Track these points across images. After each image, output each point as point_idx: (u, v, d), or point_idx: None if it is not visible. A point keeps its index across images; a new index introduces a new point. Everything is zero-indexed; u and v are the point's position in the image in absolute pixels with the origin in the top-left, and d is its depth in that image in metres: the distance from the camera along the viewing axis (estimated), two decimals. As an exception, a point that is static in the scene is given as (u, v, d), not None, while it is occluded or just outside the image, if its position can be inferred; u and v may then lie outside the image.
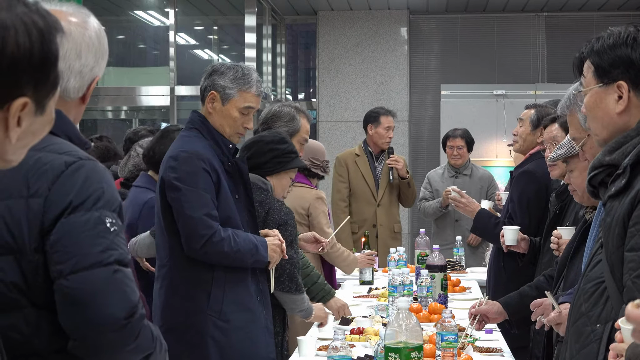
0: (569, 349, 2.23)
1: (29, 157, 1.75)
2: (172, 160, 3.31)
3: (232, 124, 3.46)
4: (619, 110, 2.11)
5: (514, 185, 4.65)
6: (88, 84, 1.94)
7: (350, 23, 10.22)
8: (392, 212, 6.59)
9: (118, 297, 1.73)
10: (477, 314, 3.55)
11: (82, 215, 1.73)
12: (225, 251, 3.26)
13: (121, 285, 1.74)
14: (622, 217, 1.96)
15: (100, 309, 1.71)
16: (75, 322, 1.72)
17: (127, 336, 1.74)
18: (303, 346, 3.56)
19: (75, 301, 1.71)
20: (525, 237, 4.24)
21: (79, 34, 1.92)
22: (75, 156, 1.79)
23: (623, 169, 2.01)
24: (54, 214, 1.73)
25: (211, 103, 3.47)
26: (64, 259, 1.71)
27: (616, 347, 1.79)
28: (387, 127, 6.62)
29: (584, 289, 2.17)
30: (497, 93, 9.66)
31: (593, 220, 2.73)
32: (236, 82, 3.46)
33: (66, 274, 1.70)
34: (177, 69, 8.90)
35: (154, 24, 10.40)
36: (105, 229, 1.75)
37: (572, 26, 10.30)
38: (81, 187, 1.75)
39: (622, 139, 2.08)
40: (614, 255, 1.98)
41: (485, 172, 7.29)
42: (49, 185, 1.74)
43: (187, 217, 3.25)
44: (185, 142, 3.37)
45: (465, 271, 6.17)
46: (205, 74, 3.53)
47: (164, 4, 9.64)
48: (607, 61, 2.13)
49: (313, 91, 10.67)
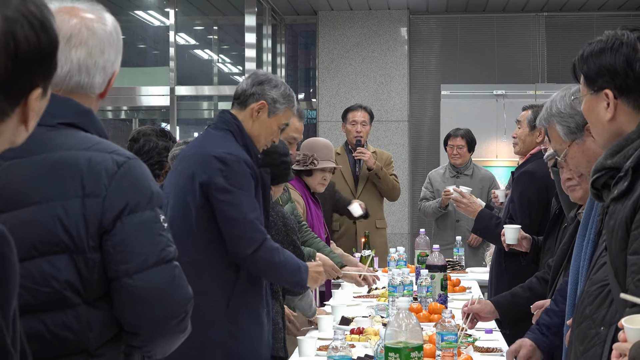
0: (573, 351, 2.23)
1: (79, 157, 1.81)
2: (219, 163, 3.25)
3: (268, 137, 3.47)
4: (608, 118, 2.12)
5: (514, 186, 4.66)
6: (109, 79, 1.98)
7: (350, 23, 10.22)
8: (373, 208, 6.51)
9: (180, 293, 1.84)
10: (470, 312, 3.56)
11: (140, 215, 1.81)
12: (275, 261, 3.26)
13: (180, 280, 1.85)
14: (625, 220, 1.95)
15: (167, 305, 1.81)
16: (140, 319, 1.80)
17: (184, 325, 1.86)
18: (303, 346, 3.56)
19: (141, 299, 1.79)
20: (526, 236, 4.24)
21: (101, 30, 1.95)
22: (124, 155, 1.85)
23: (625, 172, 2.01)
24: (113, 214, 1.79)
25: (257, 112, 3.43)
26: (128, 259, 1.78)
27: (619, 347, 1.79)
28: (352, 121, 6.62)
29: (588, 291, 2.17)
30: (497, 93, 9.66)
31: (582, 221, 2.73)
32: (285, 99, 3.47)
33: (132, 273, 1.78)
34: (177, 69, 8.90)
35: (154, 24, 10.40)
36: (160, 226, 1.83)
37: (572, 26, 10.30)
38: (135, 187, 1.82)
39: (623, 142, 2.07)
40: (617, 259, 1.98)
41: (487, 172, 7.29)
42: (105, 186, 1.79)
43: (239, 220, 3.21)
44: (225, 144, 3.33)
45: (465, 271, 6.18)
46: (253, 80, 3.48)
47: (164, 4, 9.64)
48: (593, 70, 2.14)
49: (313, 91, 10.67)
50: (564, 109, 2.80)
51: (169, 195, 3.34)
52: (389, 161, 6.70)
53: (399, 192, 6.75)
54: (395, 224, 9.73)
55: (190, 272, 3.26)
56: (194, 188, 3.27)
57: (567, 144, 2.79)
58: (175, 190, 3.33)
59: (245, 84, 3.48)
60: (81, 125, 1.89)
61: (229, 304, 3.25)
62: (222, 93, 10.41)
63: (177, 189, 3.33)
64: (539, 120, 2.94)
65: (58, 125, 1.87)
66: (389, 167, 6.67)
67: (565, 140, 2.80)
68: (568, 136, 2.78)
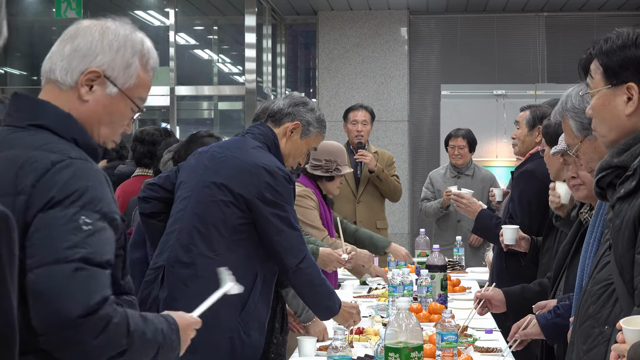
0: (575, 350, 2.22)
1: (21, 156, 1.79)
2: (269, 176, 3.28)
3: (297, 157, 3.55)
4: (629, 112, 2.10)
5: (514, 185, 4.66)
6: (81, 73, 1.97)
7: (350, 23, 10.22)
8: (374, 209, 6.52)
9: (74, 296, 1.71)
10: (482, 298, 3.63)
11: (59, 211, 1.74)
12: (316, 276, 3.35)
13: (81, 284, 1.72)
14: (633, 219, 1.94)
15: (54, 305, 1.70)
16: (38, 317, 1.72)
17: (84, 334, 1.72)
18: (303, 346, 3.56)
19: (37, 295, 1.71)
20: (525, 236, 4.24)
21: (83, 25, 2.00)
22: (65, 155, 1.81)
23: (633, 171, 2.00)
24: (36, 209, 1.75)
25: (291, 131, 3.49)
26: (34, 253, 1.72)
27: (618, 348, 1.79)
28: (353, 121, 6.62)
29: (591, 290, 2.16)
30: (497, 93, 9.66)
31: (591, 220, 2.72)
32: (319, 123, 3.55)
33: (33, 267, 1.71)
34: (177, 69, 8.90)
35: (154, 24, 10.40)
36: (77, 226, 1.74)
37: (572, 26, 10.30)
38: (65, 183, 1.77)
39: (631, 141, 2.07)
40: (624, 258, 1.97)
41: (488, 172, 7.28)
42: (33, 183, 1.76)
43: (292, 232, 3.28)
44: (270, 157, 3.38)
45: (465, 271, 6.17)
46: (290, 101, 3.53)
47: (164, 4, 9.65)
48: (616, 62, 2.11)
49: (313, 91, 10.67)
50: (578, 105, 2.79)
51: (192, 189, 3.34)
52: (391, 161, 6.70)
53: (400, 193, 6.75)
54: (395, 224, 9.73)
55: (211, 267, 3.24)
56: (231, 192, 3.26)
57: (580, 139, 2.79)
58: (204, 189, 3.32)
59: (281, 104, 3.52)
60: (52, 128, 1.87)
61: (244, 309, 3.25)
62: (222, 93, 10.41)
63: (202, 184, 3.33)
64: (554, 113, 2.94)
65: (28, 126, 1.87)
66: (391, 167, 6.67)
67: (577, 135, 2.79)
68: (581, 132, 2.78)
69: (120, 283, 1.91)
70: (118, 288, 1.88)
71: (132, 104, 2.00)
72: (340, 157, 4.92)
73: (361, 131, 6.58)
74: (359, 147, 6.53)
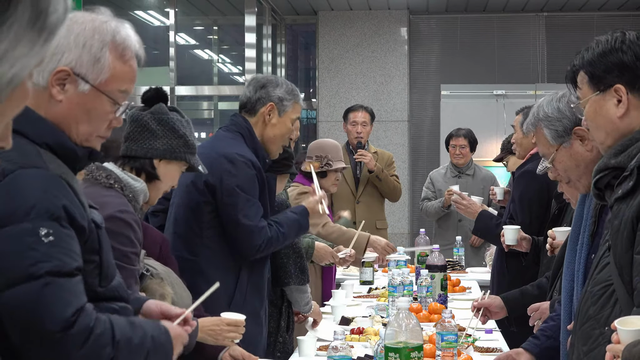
0: (575, 351, 2.22)
1: None
2: (228, 164, 3.31)
3: (285, 135, 3.52)
4: (620, 114, 2.12)
5: (515, 186, 4.67)
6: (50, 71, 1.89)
7: (350, 23, 10.22)
8: (374, 209, 6.53)
9: (50, 312, 1.67)
10: (481, 307, 3.61)
11: (13, 229, 1.67)
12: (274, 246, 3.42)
13: (53, 298, 1.68)
14: (631, 219, 1.95)
15: (31, 324, 1.67)
16: (16, 336, 1.67)
17: (67, 348, 1.69)
18: (303, 346, 3.56)
19: (12, 316, 1.67)
20: (526, 236, 4.24)
21: None
22: (16, 164, 1.72)
23: (630, 171, 2.01)
24: None
25: (269, 114, 3.47)
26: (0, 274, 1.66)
27: (613, 348, 1.79)
28: (353, 122, 6.62)
29: (591, 291, 2.16)
30: (497, 93, 9.66)
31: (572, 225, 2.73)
32: (290, 94, 3.51)
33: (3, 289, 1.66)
34: (177, 69, 8.90)
35: (154, 24, 10.39)
36: (36, 240, 1.68)
37: (572, 26, 10.29)
38: (13, 198, 1.69)
39: (627, 142, 2.09)
40: (623, 258, 1.97)
41: (488, 172, 7.29)
42: None
43: (243, 226, 3.31)
44: (234, 145, 3.38)
45: (465, 271, 6.18)
46: (255, 85, 3.52)
47: (164, 4, 9.64)
48: (600, 68, 2.16)
49: (313, 91, 10.67)
50: (551, 113, 2.81)
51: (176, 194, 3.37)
52: (391, 161, 6.70)
53: (400, 193, 6.75)
54: (395, 223, 9.73)
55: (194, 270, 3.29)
56: (201, 187, 3.30)
57: (555, 147, 2.80)
58: (182, 189, 3.34)
59: (248, 92, 3.50)
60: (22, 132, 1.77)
61: (231, 303, 3.25)
62: (222, 93, 10.41)
63: (183, 187, 3.35)
64: (526, 125, 2.95)
65: None
66: (391, 167, 6.67)
67: (552, 144, 2.81)
68: (556, 140, 2.80)
69: (96, 290, 1.84)
70: (94, 295, 1.81)
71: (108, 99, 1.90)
72: (331, 152, 4.95)
73: (361, 132, 6.59)
74: (358, 147, 6.54)
